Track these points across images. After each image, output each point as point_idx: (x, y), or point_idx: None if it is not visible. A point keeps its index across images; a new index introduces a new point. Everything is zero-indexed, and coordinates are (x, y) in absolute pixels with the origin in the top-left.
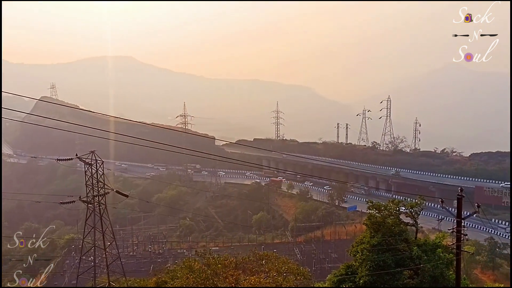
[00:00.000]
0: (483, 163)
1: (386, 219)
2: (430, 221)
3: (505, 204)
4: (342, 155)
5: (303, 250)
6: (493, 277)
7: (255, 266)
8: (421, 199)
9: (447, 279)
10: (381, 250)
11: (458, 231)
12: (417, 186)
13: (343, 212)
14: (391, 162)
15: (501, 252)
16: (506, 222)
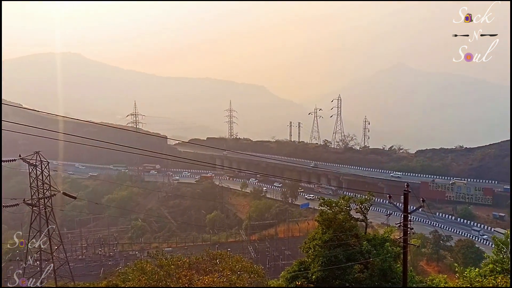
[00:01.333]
0: (427, 160)
1: (337, 216)
2: (379, 216)
3: (448, 198)
4: (295, 153)
5: (257, 248)
6: (438, 268)
7: (209, 266)
8: (370, 195)
9: (395, 271)
10: (332, 246)
11: (405, 225)
12: (367, 182)
13: (296, 209)
14: (342, 159)
15: (445, 244)
16: (450, 215)
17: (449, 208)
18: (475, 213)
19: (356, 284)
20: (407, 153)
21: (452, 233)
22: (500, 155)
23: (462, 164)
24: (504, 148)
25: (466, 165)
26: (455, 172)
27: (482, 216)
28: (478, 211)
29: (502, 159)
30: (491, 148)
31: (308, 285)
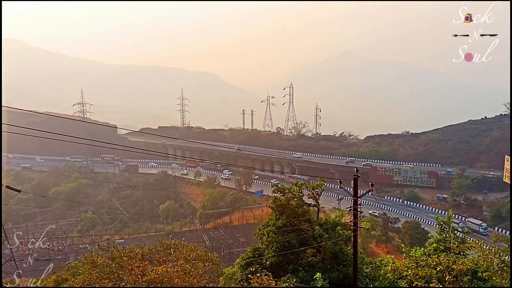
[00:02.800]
0: (376, 145)
1: (290, 202)
2: (331, 201)
3: (396, 182)
4: (248, 141)
5: (212, 237)
6: (387, 249)
7: (162, 256)
8: (322, 181)
9: (346, 254)
10: (286, 231)
11: (355, 209)
12: (319, 168)
13: (250, 197)
14: (294, 146)
15: (393, 226)
16: (398, 198)
17: (396, 191)
18: (420, 195)
19: (309, 268)
20: (357, 139)
21: (399, 215)
22: (443, 139)
23: (408, 148)
24: (447, 133)
25: (412, 149)
26: (402, 156)
27: (427, 198)
28: (423, 193)
29: (445, 144)
30: (435, 133)
31: (263, 270)
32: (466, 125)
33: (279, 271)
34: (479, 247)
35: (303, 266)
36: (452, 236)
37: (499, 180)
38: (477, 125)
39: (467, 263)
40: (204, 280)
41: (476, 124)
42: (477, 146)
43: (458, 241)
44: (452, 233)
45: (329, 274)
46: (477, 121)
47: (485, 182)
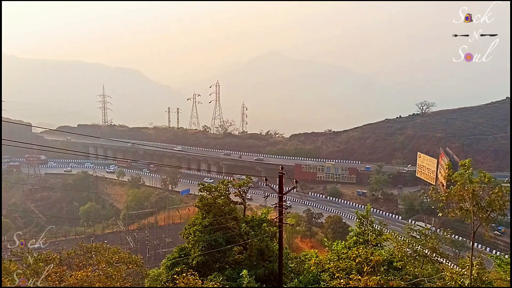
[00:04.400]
0: (300, 143)
1: (217, 200)
2: (258, 198)
3: (319, 178)
4: (174, 139)
5: (137, 238)
6: (311, 244)
7: (82, 260)
8: (248, 178)
9: (271, 250)
10: (212, 230)
11: (280, 206)
12: (246, 166)
13: (176, 196)
14: (221, 144)
15: (317, 221)
16: (321, 194)
17: (320, 187)
18: (342, 191)
19: (236, 266)
20: (282, 137)
21: (323, 211)
22: (362, 137)
23: (330, 146)
24: (366, 131)
25: (334, 147)
26: (325, 154)
27: (348, 193)
28: (345, 189)
29: (364, 141)
30: (355, 131)
31: (189, 270)
32: (383, 124)
33: (206, 270)
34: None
35: (230, 264)
36: (370, 229)
37: (412, 175)
38: (392, 124)
39: (384, 254)
40: (128, 283)
41: (392, 123)
42: (392, 143)
43: (375, 234)
44: (370, 226)
45: (255, 271)
46: (393, 120)
47: (400, 177)
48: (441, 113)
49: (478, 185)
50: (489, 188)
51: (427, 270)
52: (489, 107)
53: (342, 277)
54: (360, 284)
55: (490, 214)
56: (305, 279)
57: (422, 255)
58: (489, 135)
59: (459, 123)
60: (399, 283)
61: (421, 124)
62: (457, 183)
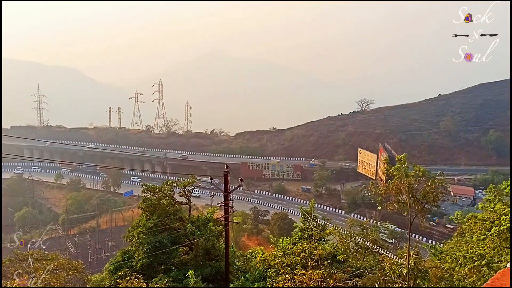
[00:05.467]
0: (246, 141)
1: (161, 201)
2: (204, 198)
3: (265, 176)
4: (116, 140)
5: (77, 243)
6: (257, 241)
7: (18, 269)
8: (193, 178)
9: (218, 249)
10: (157, 231)
11: (226, 204)
12: (191, 166)
13: (119, 198)
14: (165, 144)
15: (263, 218)
16: (267, 191)
17: (266, 185)
18: (287, 188)
19: (182, 266)
20: (227, 136)
21: (269, 208)
22: (306, 135)
23: (275, 144)
24: (309, 128)
25: (279, 145)
26: (270, 151)
27: (293, 190)
28: (290, 185)
29: (308, 139)
30: (299, 129)
31: (133, 274)
32: (326, 121)
33: (151, 272)
34: (338, 233)
35: (176, 265)
36: (314, 224)
37: (354, 170)
38: (334, 121)
39: (328, 248)
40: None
41: (334, 120)
42: (335, 140)
43: (319, 229)
44: (314, 222)
45: (201, 271)
46: (335, 117)
47: (343, 173)
48: (379, 111)
49: (413, 179)
50: (423, 181)
51: (368, 261)
52: (423, 104)
53: (287, 273)
54: (304, 279)
55: (425, 206)
56: (252, 276)
57: (364, 248)
58: (423, 131)
59: (397, 120)
60: (341, 275)
61: (361, 121)
62: (394, 177)
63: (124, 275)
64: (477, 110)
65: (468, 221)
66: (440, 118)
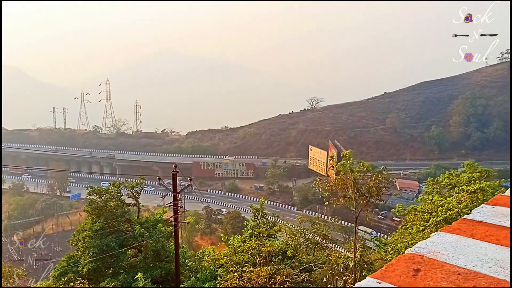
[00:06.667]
0: (198, 140)
1: (108, 203)
2: (155, 198)
3: (218, 175)
4: (61, 141)
5: (21, 249)
6: (211, 241)
7: None
8: (142, 179)
9: (168, 250)
10: (104, 234)
11: (175, 205)
12: (141, 166)
13: (66, 201)
14: (114, 145)
15: (216, 218)
16: (220, 191)
17: (218, 184)
18: (240, 186)
19: (131, 269)
20: (179, 135)
21: (222, 207)
22: (258, 133)
23: (228, 143)
24: (261, 127)
25: (231, 143)
26: (223, 150)
27: (246, 188)
28: (243, 184)
29: (260, 137)
30: (250, 127)
31: (78, 279)
32: (277, 119)
33: (98, 277)
34: (288, 229)
35: (124, 268)
36: (264, 222)
37: (305, 167)
38: (285, 119)
39: (278, 244)
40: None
41: (285, 118)
42: (286, 138)
43: (269, 226)
44: (264, 219)
45: (151, 273)
46: (286, 116)
47: (294, 170)
48: (329, 108)
49: (358, 174)
50: (368, 176)
51: (318, 256)
52: (370, 101)
53: (236, 271)
54: (252, 276)
55: (370, 200)
56: (203, 276)
57: (314, 243)
58: (371, 128)
59: (345, 117)
60: (289, 271)
61: (312, 119)
62: (340, 173)
63: (67, 280)
64: (420, 107)
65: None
66: (386, 115)
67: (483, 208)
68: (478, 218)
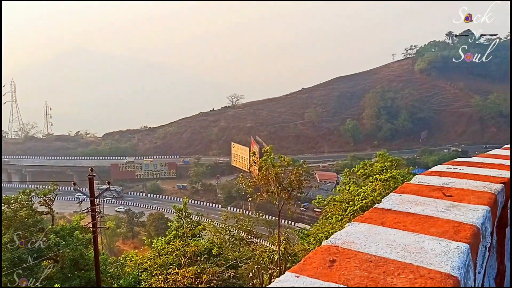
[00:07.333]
0: (115, 142)
1: (18, 212)
2: (71, 205)
3: (139, 176)
4: None
5: None
6: (133, 245)
7: None
8: (55, 185)
9: (87, 258)
10: (15, 247)
11: (93, 210)
12: (55, 172)
13: None
14: (23, 150)
15: (138, 220)
16: (141, 192)
17: (139, 185)
18: (162, 187)
19: (47, 281)
20: (95, 137)
21: (144, 209)
22: (179, 132)
23: (147, 143)
24: (181, 125)
25: (151, 143)
26: (142, 151)
27: (168, 188)
28: (165, 184)
29: (181, 135)
30: (171, 126)
31: None
32: (198, 117)
33: None
34: (213, 228)
35: (41, 280)
36: (188, 221)
37: (228, 164)
38: (206, 116)
39: (203, 243)
40: None
41: (206, 116)
42: (208, 135)
43: (193, 225)
44: (188, 219)
45: (69, 283)
46: (207, 113)
47: (218, 168)
48: (249, 105)
49: (280, 169)
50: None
51: (244, 252)
52: (288, 97)
53: (160, 273)
54: (178, 277)
55: (292, 193)
56: (126, 282)
57: (239, 239)
58: (290, 123)
59: (266, 113)
60: (215, 269)
61: (233, 116)
62: (263, 168)
63: None
64: (335, 102)
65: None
66: (304, 110)
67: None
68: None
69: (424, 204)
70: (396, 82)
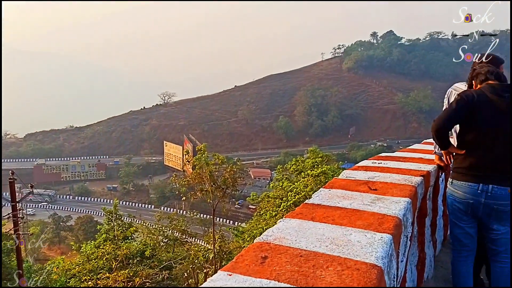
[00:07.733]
0: (39, 142)
1: None
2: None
3: (65, 178)
4: None
5: None
6: (60, 250)
7: None
8: None
9: (9, 267)
10: None
11: (15, 216)
12: None
13: None
14: None
15: (66, 224)
16: (68, 195)
17: (66, 188)
18: (91, 188)
19: None
20: (15, 138)
21: (72, 212)
22: (108, 131)
23: (74, 143)
24: (111, 124)
25: (78, 144)
26: (69, 151)
27: (98, 190)
28: (94, 186)
29: (110, 135)
30: (99, 125)
31: None
32: (128, 116)
33: None
34: (145, 229)
35: None
36: (119, 224)
37: (160, 164)
38: (137, 115)
39: (135, 245)
40: None
41: (137, 114)
42: (139, 134)
43: (124, 227)
44: (119, 221)
45: None
46: (138, 112)
47: (150, 167)
48: (182, 103)
49: (214, 167)
50: (224, 168)
51: (178, 252)
52: (221, 95)
53: (90, 279)
54: (109, 282)
55: (226, 191)
56: None
57: (173, 239)
58: (224, 120)
59: (199, 111)
60: (148, 271)
61: (165, 114)
62: (196, 167)
63: None
64: (268, 99)
65: (263, 200)
66: (238, 108)
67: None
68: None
69: (351, 198)
70: (325, 80)
